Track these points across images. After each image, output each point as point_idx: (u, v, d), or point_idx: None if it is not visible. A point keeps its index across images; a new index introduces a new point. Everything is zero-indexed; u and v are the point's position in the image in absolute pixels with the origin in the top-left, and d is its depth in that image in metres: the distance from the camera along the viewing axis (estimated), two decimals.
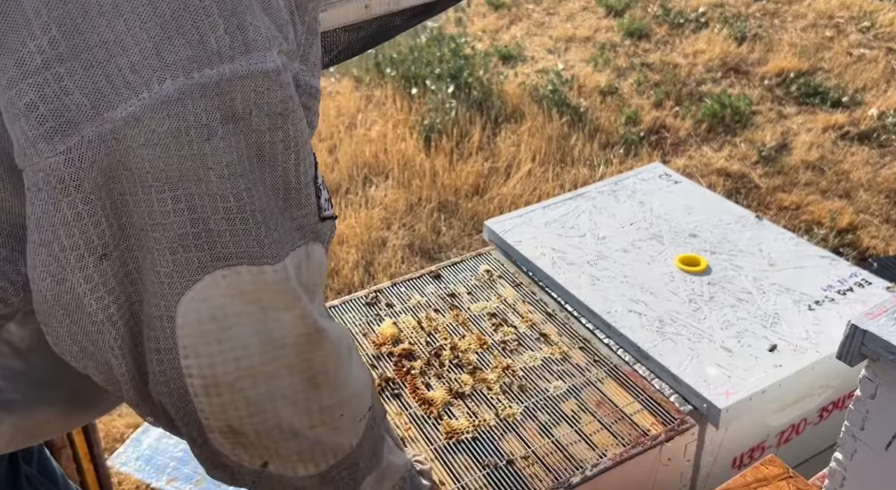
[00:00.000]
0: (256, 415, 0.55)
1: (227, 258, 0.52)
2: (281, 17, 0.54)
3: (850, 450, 0.83)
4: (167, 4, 0.47)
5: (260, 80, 0.50)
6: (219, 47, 0.48)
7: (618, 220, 1.47)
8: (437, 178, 2.81)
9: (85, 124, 0.47)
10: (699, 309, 1.24)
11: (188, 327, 0.53)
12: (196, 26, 0.48)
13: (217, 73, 0.48)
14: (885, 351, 0.74)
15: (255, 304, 0.54)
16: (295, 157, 0.54)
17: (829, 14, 4.02)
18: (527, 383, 1.13)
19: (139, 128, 0.48)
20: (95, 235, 0.50)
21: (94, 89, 0.47)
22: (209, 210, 0.50)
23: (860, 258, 2.36)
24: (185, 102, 0.48)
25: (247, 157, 0.51)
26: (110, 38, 0.47)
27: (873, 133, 3.01)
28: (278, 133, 0.52)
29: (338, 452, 0.62)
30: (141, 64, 0.47)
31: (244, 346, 0.53)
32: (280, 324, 0.55)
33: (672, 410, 1.07)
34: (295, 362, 0.56)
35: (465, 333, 1.23)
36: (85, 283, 0.52)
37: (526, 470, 0.99)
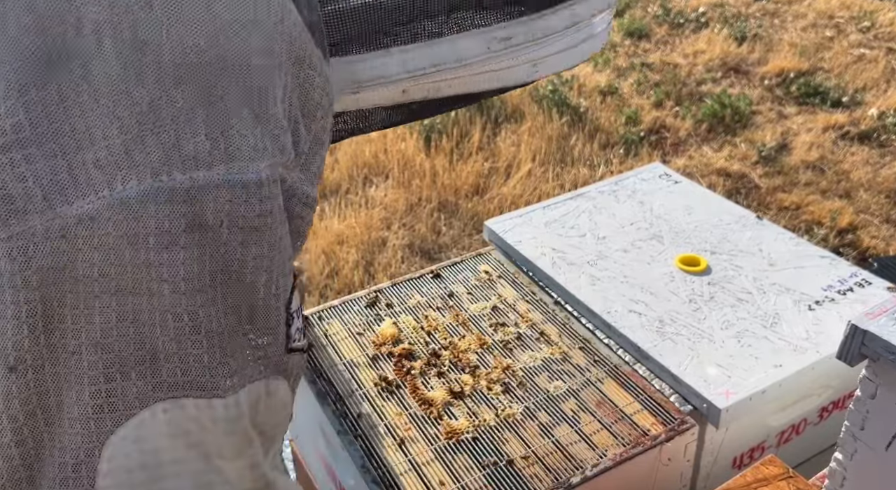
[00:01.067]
0: None
1: (171, 388, 0.45)
2: (278, 127, 0.49)
3: (851, 450, 0.83)
4: (147, 101, 0.43)
5: (238, 192, 0.45)
6: (196, 152, 0.44)
7: (618, 220, 1.47)
8: (437, 178, 2.81)
9: (33, 216, 0.42)
10: (699, 309, 1.24)
11: (113, 476, 0.44)
12: (174, 127, 0.43)
13: (189, 179, 0.43)
14: (885, 351, 0.74)
15: (196, 449, 0.46)
16: (266, 277, 0.48)
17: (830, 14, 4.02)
18: (527, 383, 1.13)
19: (93, 228, 0.43)
20: (12, 342, 0.43)
21: (52, 180, 0.42)
22: (158, 329, 0.44)
23: (860, 258, 2.36)
24: (147, 206, 0.43)
25: (209, 272, 0.45)
26: (81, 129, 0.43)
27: (873, 133, 3.01)
28: (251, 249, 0.47)
29: None
30: (107, 160, 0.43)
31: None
32: (224, 477, 0.47)
33: (672, 410, 1.07)
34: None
35: (465, 333, 1.23)
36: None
37: (526, 470, 0.99)
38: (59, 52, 0.42)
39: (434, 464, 1.01)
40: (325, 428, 1.12)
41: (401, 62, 0.61)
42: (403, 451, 1.03)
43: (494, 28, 0.61)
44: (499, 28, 0.62)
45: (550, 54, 0.64)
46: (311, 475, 1.36)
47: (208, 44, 0.45)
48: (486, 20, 0.61)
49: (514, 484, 0.98)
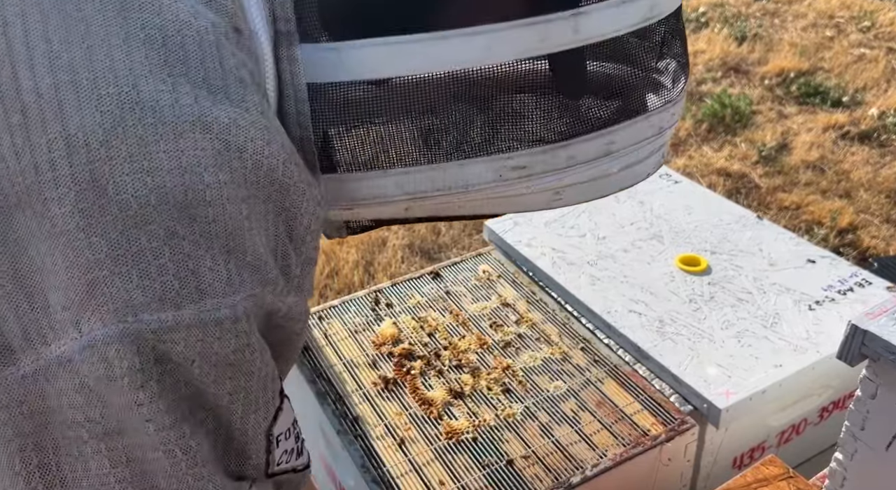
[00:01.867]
0: None
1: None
2: (256, 258, 0.46)
3: (851, 450, 0.83)
4: (105, 242, 0.41)
5: (210, 329, 0.43)
6: (163, 293, 0.42)
7: (618, 219, 1.47)
8: None
9: (20, 357, 0.42)
10: (699, 309, 1.23)
11: None
12: (138, 268, 0.41)
13: (156, 320, 0.42)
14: (885, 351, 0.73)
15: None
16: (242, 409, 0.47)
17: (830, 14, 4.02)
18: (527, 383, 1.13)
19: (71, 370, 0.42)
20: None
21: (30, 320, 0.42)
22: (156, 468, 0.43)
23: (860, 258, 2.36)
24: (114, 348, 0.41)
25: (188, 405, 0.44)
26: (48, 269, 0.41)
27: (874, 133, 3.01)
28: (225, 384, 0.45)
29: None
30: (71, 302, 0.41)
31: None
32: None
33: (672, 410, 1.07)
34: None
35: (465, 334, 1.23)
36: None
37: (526, 470, 0.99)
38: (22, 192, 0.41)
39: (434, 464, 1.01)
40: (325, 428, 1.12)
41: (398, 184, 0.55)
42: (403, 451, 1.03)
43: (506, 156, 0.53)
44: (511, 157, 0.54)
45: (577, 183, 0.55)
46: (310, 475, 1.36)
47: (174, 182, 0.42)
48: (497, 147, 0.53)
49: (515, 484, 0.98)
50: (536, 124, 0.53)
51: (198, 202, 0.43)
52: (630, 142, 0.55)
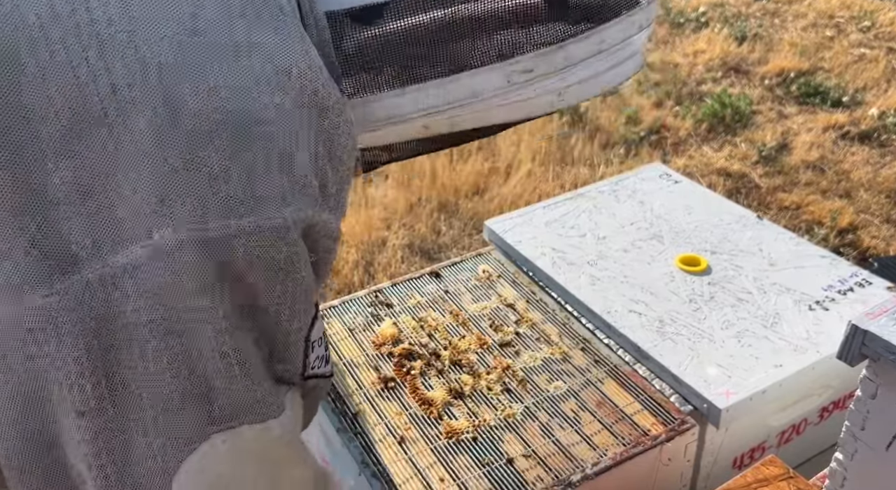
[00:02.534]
0: None
1: (227, 419, 0.48)
2: (303, 173, 0.50)
3: (851, 450, 0.83)
4: (178, 155, 0.45)
5: (265, 237, 0.48)
6: (227, 202, 0.46)
7: (618, 220, 1.47)
8: (437, 178, 2.81)
9: (86, 267, 0.45)
10: (699, 309, 1.23)
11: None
12: (207, 180, 0.46)
13: (221, 227, 0.46)
14: (885, 351, 0.73)
15: (262, 465, 0.49)
16: (289, 312, 0.51)
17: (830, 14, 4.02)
18: (527, 383, 1.13)
19: (137, 277, 0.45)
20: (77, 387, 0.46)
21: (99, 233, 0.45)
22: (208, 366, 0.47)
23: (861, 258, 2.36)
24: (183, 253, 0.45)
25: (240, 311, 0.48)
26: (122, 182, 0.45)
27: (874, 133, 3.01)
28: (276, 288, 0.50)
29: None
30: (143, 212, 0.45)
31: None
32: (290, 483, 0.50)
33: (672, 410, 1.07)
34: None
35: (464, 334, 1.23)
36: (68, 436, 0.46)
37: (526, 469, 0.99)
38: (98, 112, 0.45)
39: (434, 463, 1.01)
40: (325, 427, 1.12)
41: (414, 101, 0.60)
42: (403, 450, 1.03)
43: (514, 61, 0.60)
44: (518, 61, 0.60)
45: (576, 83, 0.62)
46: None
47: (234, 102, 0.47)
48: (505, 53, 0.59)
49: (514, 484, 0.98)
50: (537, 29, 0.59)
51: (255, 121, 0.47)
52: (618, 39, 0.62)
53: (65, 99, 0.45)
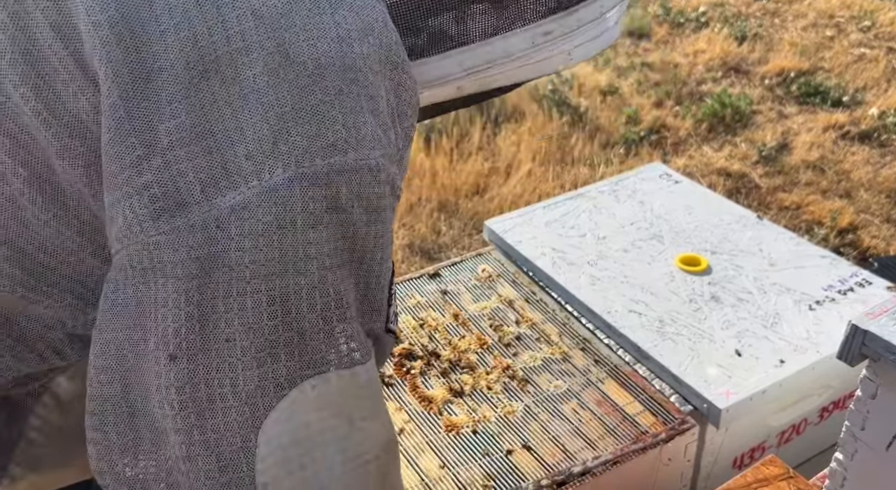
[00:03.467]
0: None
1: (318, 364, 0.48)
2: (385, 121, 0.53)
3: (851, 450, 0.83)
4: (291, 97, 0.48)
5: (365, 175, 0.49)
6: (333, 140, 0.48)
7: (618, 219, 1.47)
8: (437, 177, 2.81)
9: (193, 208, 0.46)
10: (699, 309, 1.23)
11: (270, 457, 0.46)
12: (315, 119, 0.48)
13: (327, 165, 0.48)
14: (885, 351, 0.73)
15: (341, 417, 0.49)
16: (381, 255, 0.52)
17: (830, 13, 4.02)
18: (527, 383, 1.13)
19: (245, 217, 0.46)
20: (172, 330, 0.47)
21: (209, 175, 0.47)
22: (305, 308, 0.47)
23: (861, 258, 2.35)
24: (293, 191, 0.47)
25: (343, 250, 0.49)
26: (232, 126, 0.47)
27: (874, 133, 3.01)
28: (372, 229, 0.51)
29: None
30: (256, 152, 0.47)
31: (328, 469, 0.48)
32: (365, 435, 0.50)
33: (672, 410, 1.07)
34: (374, 481, 0.51)
35: (464, 334, 1.23)
36: (156, 380, 0.47)
37: (526, 469, 0.99)
38: (212, 61, 0.47)
39: (433, 460, 1.01)
40: None
41: (458, 62, 0.66)
42: (401, 444, 1.03)
43: (537, 24, 0.67)
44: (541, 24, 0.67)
45: (581, 44, 0.70)
46: None
47: (336, 49, 0.49)
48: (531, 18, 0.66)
49: (515, 484, 0.98)
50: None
51: (353, 67, 0.50)
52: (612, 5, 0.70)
53: (181, 50, 0.47)
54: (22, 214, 0.52)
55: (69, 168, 0.51)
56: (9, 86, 0.50)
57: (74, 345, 0.56)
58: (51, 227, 0.52)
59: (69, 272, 0.54)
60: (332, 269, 0.48)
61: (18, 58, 0.50)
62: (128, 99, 0.47)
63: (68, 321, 0.55)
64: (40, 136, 0.50)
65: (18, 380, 0.57)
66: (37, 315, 0.55)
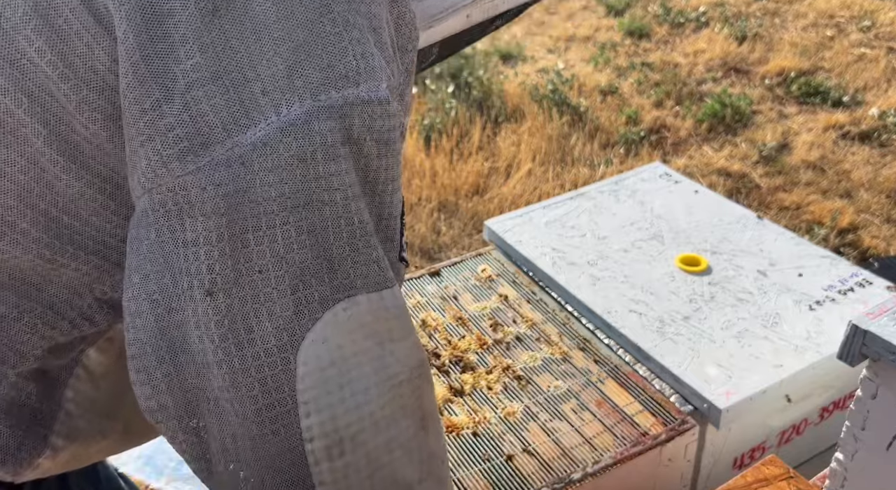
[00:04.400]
0: (376, 472, 0.51)
1: (347, 288, 0.49)
2: (388, 54, 0.54)
3: (851, 450, 0.83)
4: (302, 30, 0.48)
5: (375, 107, 0.50)
6: (346, 72, 0.49)
7: (618, 219, 1.47)
8: (437, 177, 2.81)
9: (216, 146, 0.47)
10: (700, 309, 1.23)
11: (310, 377, 0.48)
12: (326, 51, 0.48)
13: (342, 97, 0.48)
14: (885, 351, 0.73)
15: (373, 338, 0.50)
16: (392, 186, 0.54)
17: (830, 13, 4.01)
18: (527, 383, 1.13)
19: (267, 152, 0.47)
20: (206, 266, 0.48)
21: (228, 113, 0.47)
22: (332, 236, 0.49)
23: (861, 258, 2.35)
24: (311, 124, 0.47)
25: (360, 181, 0.51)
26: (246, 64, 0.48)
27: (874, 133, 3.00)
28: (383, 160, 0.52)
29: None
30: (272, 88, 0.48)
31: (364, 389, 0.50)
32: (396, 357, 0.52)
33: (672, 411, 1.07)
34: (409, 402, 0.53)
35: (464, 334, 1.23)
36: (193, 317, 0.48)
37: (526, 469, 0.99)
38: (216, 3, 0.48)
39: None
40: None
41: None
42: None
43: None
44: None
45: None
46: None
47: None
48: None
49: (515, 483, 0.98)
50: None
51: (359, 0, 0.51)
52: None
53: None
54: (44, 176, 0.52)
55: (89, 123, 0.51)
56: (23, 42, 0.50)
57: (103, 309, 0.57)
58: (73, 189, 0.53)
59: (94, 233, 0.55)
60: (355, 200, 0.50)
61: (30, 11, 0.49)
62: (142, 42, 0.47)
63: (96, 285, 0.56)
64: (58, 92, 0.50)
65: (52, 350, 0.58)
66: (65, 280, 0.56)
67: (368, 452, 0.50)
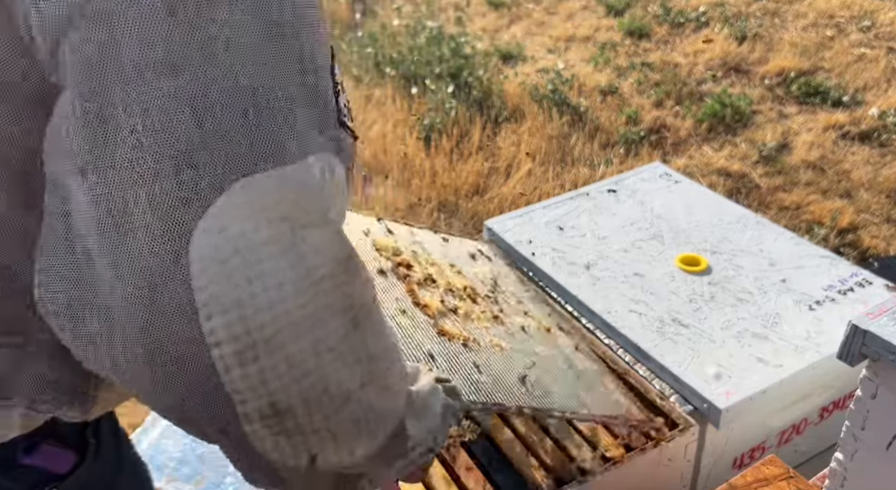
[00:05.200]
0: (303, 378, 0.45)
1: (242, 166, 0.42)
2: None
3: (851, 450, 0.83)
4: None
5: None
6: None
7: (618, 219, 1.47)
8: (437, 177, 2.81)
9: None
10: (700, 309, 1.23)
11: (207, 273, 0.41)
12: None
13: None
14: (885, 351, 0.73)
15: (282, 224, 0.43)
16: (308, 32, 0.46)
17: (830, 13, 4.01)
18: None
19: (128, 4, 0.41)
20: (76, 142, 0.42)
21: None
22: (217, 105, 0.42)
23: (861, 258, 2.35)
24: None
25: (261, 28, 0.43)
26: None
27: (874, 132, 3.01)
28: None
29: (389, 419, 0.52)
30: None
31: (278, 284, 0.43)
32: (313, 246, 0.44)
33: (672, 410, 1.07)
34: (334, 299, 0.45)
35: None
36: (74, 203, 0.43)
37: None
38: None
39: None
40: None
41: None
42: None
43: None
44: None
45: None
46: None
47: None
48: None
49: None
50: None
51: None
52: None
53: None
54: None
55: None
56: None
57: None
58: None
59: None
60: (244, 51, 0.42)
61: None
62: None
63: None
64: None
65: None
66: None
67: (289, 356, 0.44)
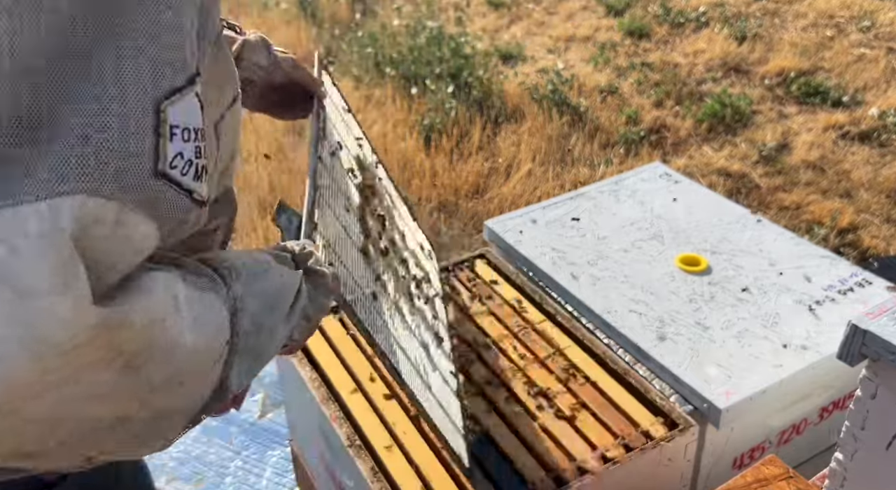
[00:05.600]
0: (58, 427, 0.40)
1: None
2: None
3: (851, 450, 0.83)
4: None
5: None
6: None
7: (618, 219, 1.47)
8: (437, 177, 2.81)
9: None
10: (699, 309, 1.23)
11: None
12: None
13: None
14: (885, 351, 0.73)
15: (3, 284, 0.35)
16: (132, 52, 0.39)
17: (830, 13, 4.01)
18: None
19: None
20: None
21: None
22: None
23: (861, 258, 2.35)
24: None
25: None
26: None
27: (874, 133, 3.01)
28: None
29: (190, 409, 0.50)
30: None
31: (9, 356, 0.36)
32: (56, 316, 0.36)
33: (672, 410, 1.07)
34: (95, 357, 0.39)
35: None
36: None
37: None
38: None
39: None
40: (325, 428, 1.12)
41: None
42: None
43: None
44: None
45: None
46: (311, 475, 1.36)
47: None
48: None
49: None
50: None
51: None
52: None
53: None
54: None
55: None
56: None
57: None
58: None
59: None
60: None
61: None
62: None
63: None
64: None
65: None
66: None
67: (32, 419, 0.39)
